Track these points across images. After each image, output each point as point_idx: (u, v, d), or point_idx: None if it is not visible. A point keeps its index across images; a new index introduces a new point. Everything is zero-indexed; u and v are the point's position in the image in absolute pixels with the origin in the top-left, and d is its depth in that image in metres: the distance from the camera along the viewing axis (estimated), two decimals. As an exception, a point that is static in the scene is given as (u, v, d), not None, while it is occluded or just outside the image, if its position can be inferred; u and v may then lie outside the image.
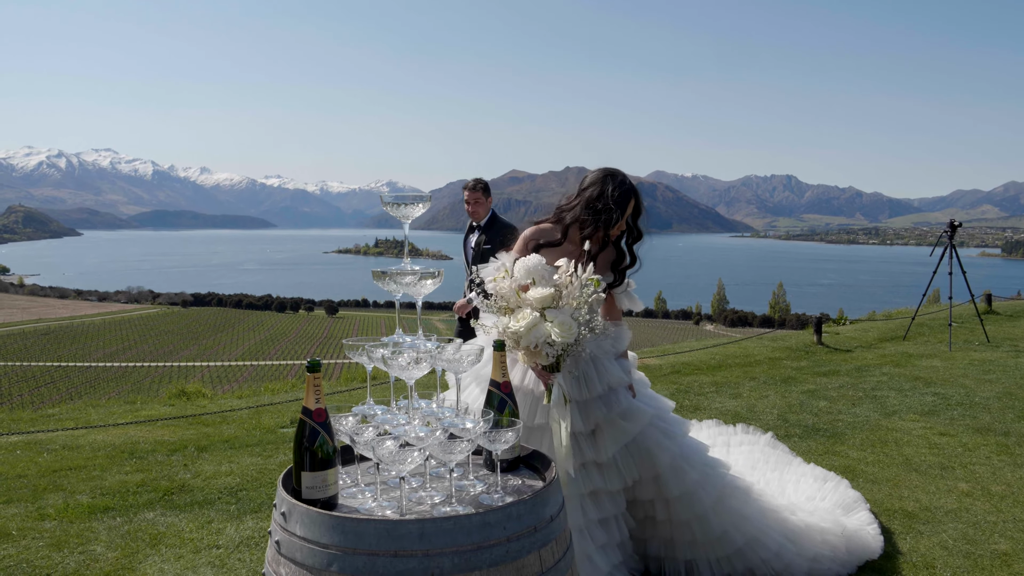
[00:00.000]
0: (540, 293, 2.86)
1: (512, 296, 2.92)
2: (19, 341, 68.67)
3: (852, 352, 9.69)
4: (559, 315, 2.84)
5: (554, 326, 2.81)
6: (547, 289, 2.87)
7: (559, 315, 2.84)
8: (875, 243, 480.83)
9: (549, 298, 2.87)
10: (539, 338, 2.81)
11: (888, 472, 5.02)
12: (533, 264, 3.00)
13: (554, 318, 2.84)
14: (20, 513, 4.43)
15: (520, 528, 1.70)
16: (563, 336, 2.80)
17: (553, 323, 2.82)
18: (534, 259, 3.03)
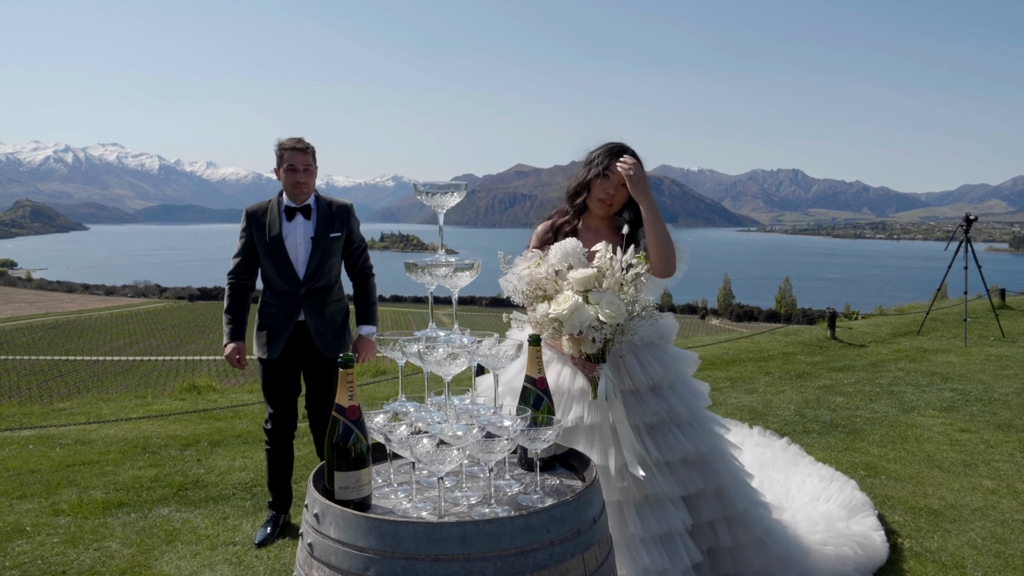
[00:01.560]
0: (582, 273, 2.71)
1: (550, 283, 2.77)
2: (27, 335, 68.91)
3: (866, 347, 9.59)
4: (604, 296, 2.68)
5: (601, 307, 2.64)
6: (589, 269, 2.72)
7: (604, 296, 2.68)
8: (882, 238, 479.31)
9: (592, 279, 2.71)
10: (584, 322, 2.65)
11: (910, 469, 4.94)
12: (571, 247, 2.84)
13: (599, 299, 2.68)
14: (34, 509, 4.39)
15: (563, 531, 1.63)
16: (611, 317, 2.63)
17: (599, 304, 2.66)
18: (571, 242, 2.87)
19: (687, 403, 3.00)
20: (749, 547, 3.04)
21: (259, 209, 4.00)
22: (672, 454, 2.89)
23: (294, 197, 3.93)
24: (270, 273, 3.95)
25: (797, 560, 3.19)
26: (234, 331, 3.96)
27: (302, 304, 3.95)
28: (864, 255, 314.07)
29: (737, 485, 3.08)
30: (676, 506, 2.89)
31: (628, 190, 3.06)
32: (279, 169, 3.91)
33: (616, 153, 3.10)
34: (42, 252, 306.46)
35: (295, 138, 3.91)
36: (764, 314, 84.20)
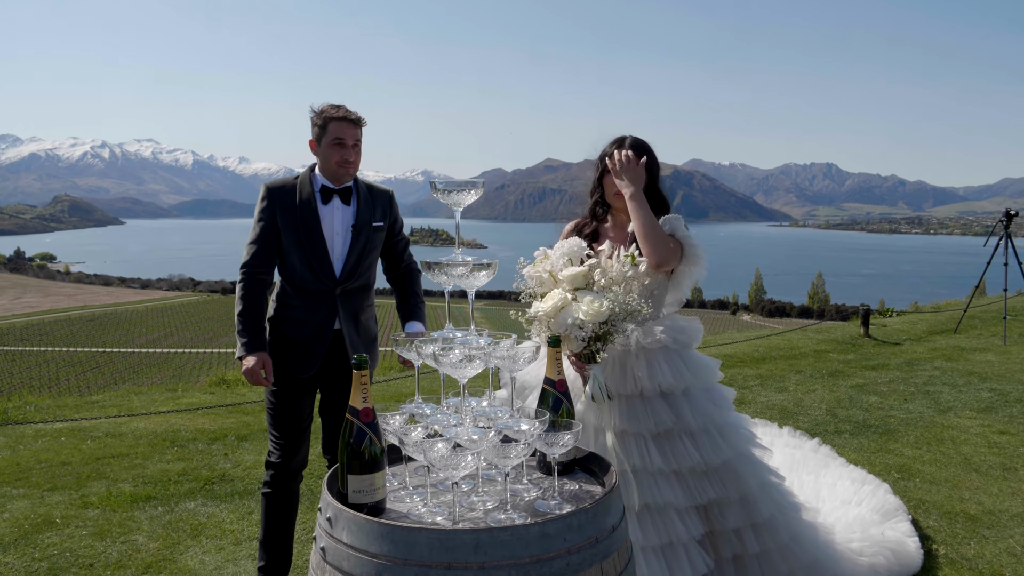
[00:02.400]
0: (571, 271, 2.68)
1: (548, 280, 2.76)
2: (66, 327, 70.46)
3: (901, 345, 9.39)
4: (589, 294, 2.64)
5: (580, 304, 2.61)
6: (578, 267, 2.69)
7: (589, 294, 2.64)
8: (918, 232, 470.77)
9: (580, 277, 2.68)
10: (566, 320, 2.62)
11: (946, 472, 4.81)
12: (571, 246, 2.82)
13: (583, 297, 2.64)
14: (64, 501, 4.45)
15: (581, 539, 1.58)
16: (590, 316, 2.58)
17: (580, 303, 2.62)
18: (573, 241, 2.85)
19: (703, 412, 2.91)
20: (776, 553, 2.97)
21: (285, 186, 3.21)
22: (680, 464, 2.82)
23: (335, 178, 3.18)
24: (297, 267, 3.17)
25: (826, 566, 3.11)
26: (254, 339, 3.12)
27: (338, 307, 3.21)
28: (899, 250, 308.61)
29: (764, 491, 2.99)
30: (683, 516, 2.82)
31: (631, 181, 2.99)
32: (317, 142, 3.18)
33: (619, 144, 3.07)
34: (80, 246, 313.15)
35: (341, 106, 3.17)
36: (796, 310, 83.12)
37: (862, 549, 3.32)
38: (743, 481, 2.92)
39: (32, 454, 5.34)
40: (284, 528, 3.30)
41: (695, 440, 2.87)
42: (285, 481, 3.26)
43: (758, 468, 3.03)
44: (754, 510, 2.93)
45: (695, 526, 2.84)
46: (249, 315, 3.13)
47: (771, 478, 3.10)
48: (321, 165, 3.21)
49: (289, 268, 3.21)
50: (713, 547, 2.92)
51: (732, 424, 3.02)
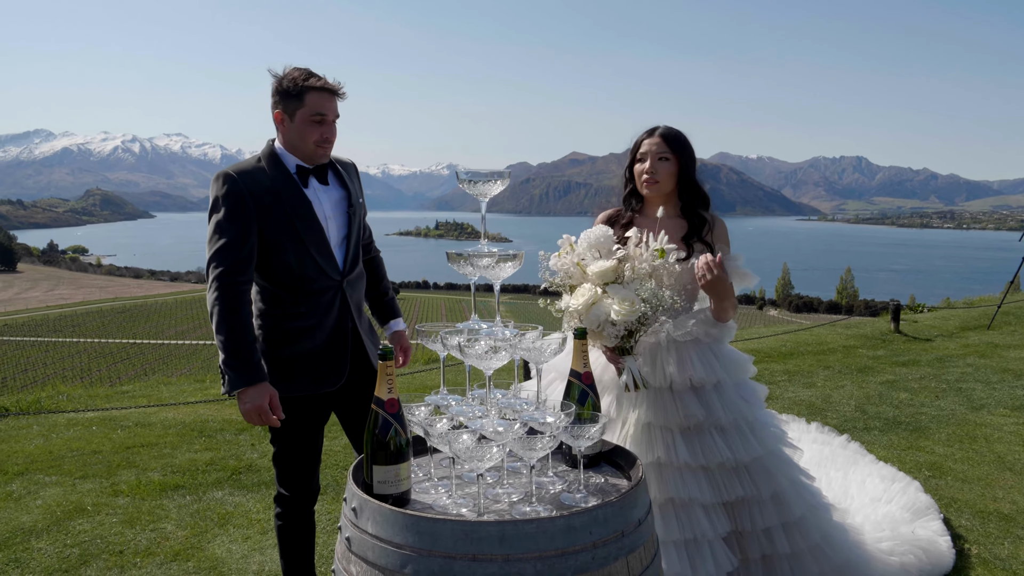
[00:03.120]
0: (600, 267, 2.62)
1: (576, 272, 2.70)
2: (97, 319, 71.72)
3: (933, 341, 9.22)
4: (620, 291, 2.58)
5: (613, 303, 2.55)
6: (607, 262, 2.63)
7: (620, 291, 2.58)
8: (950, 227, 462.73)
9: (610, 272, 2.62)
10: (600, 317, 2.57)
11: (979, 471, 4.72)
12: (597, 236, 2.74)
13: (615, 294, 2.58)
14: (95, 489, 4.52)
15: (607, 533, 1.57)
16: (623, 314, 2.53)
17: (613, 299, 2.57)
18: (599, 230, 2.78)
19: (734, 407, 2.87)
20: (807, 554, 2.92)
21: (252, 171, 2.63)
22: (709, 459, 2.78)
23: (312, 157, 2.67)
24: (293, 265, 2.64)
25: (858, 567, 3.05)
26: (252, 367, 2.52)
27: (348, 301, 2.77)
28: (931, 245, 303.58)
29: (795, 489, 2.95)
30: (709, 513, 2.78)
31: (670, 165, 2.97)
32: (287, 115, 2.62)
33: (650, 134, 3.03)
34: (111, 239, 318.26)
35: (313, 72, 2.62)
36: (824, 305, 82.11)
37: (892, 548, 3.26)
38: (775, 479, 2.87)
39: (64, 443, 5.44)
40: (307, 557, 2.93)
41: (725, 436, 2.83)
42: (303, 510, 2.87)
43: (789, 467, 2.99)
44: (786, 509, 2.88)
45: (721, 523, 2.80)
46: (240, 339, 2.51)
47: (802, 478, 3.05)
48: (290, 142, 2.65)
49: (282, 268, 2.65)
50: (740, 547, 2.88)
51: (763, 421, 2.98)
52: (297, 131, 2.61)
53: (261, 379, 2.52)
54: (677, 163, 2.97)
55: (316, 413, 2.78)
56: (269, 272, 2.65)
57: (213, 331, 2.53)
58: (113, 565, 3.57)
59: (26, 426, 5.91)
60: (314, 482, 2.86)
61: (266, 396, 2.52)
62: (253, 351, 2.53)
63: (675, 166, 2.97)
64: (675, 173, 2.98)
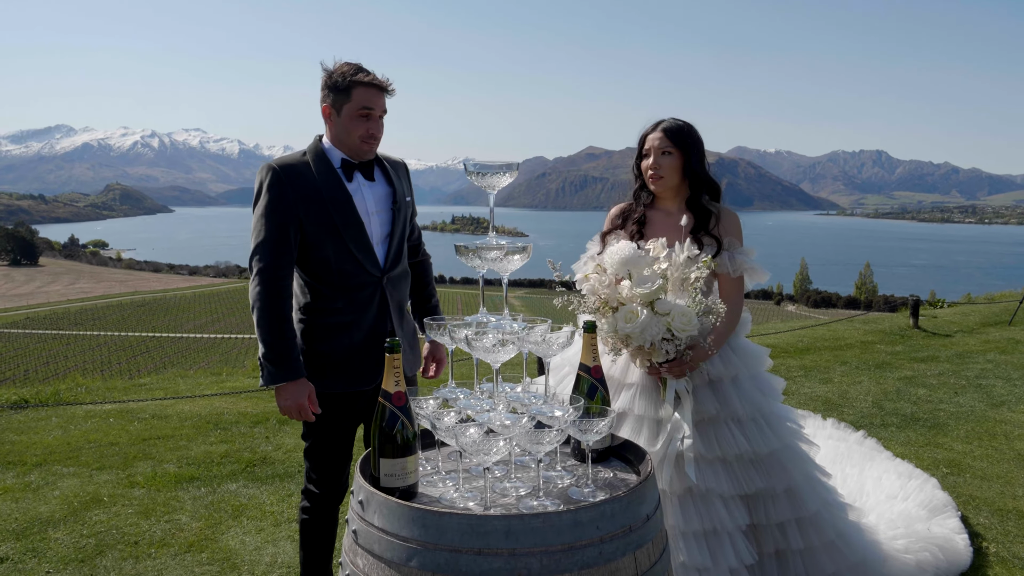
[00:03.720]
0: (646, 289, 2.55)
1: (613, 292, 2.63)
2: (117, 312, 72.51)
3: (952, 337, 9.11)
4: (674, 306, 2.53)
5: (672, 319, 2.50)
6: (654, 282, 2.57)
7: (674, 306, 2.53)
8: (972, 222, 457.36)
9: (658, 290, 2.57)
10: (656, 336, 2.52)
11: (998, 468, 4.65)
12: (627, 254, 2.67)
13: (668, 310, 2.52)
14: (111, 480, 4.56)
15: (614, 528, 1.56)
16: (684, 330, 2.50)
17: (669, 315, 2.51)
18: (625, 248, 2.71)
19: (752, 400, 2.85)
20: (821, 550, 2.89)
21: (296, 165, 2.65)
22: (726, 451, 2.76)
23: (357, 152, 2.68)
24: (332, 259, 2.64)
25: (872, 566, 3.02)
26: (291, 362, 2.56)
27: (387, 298, 2.74)
28: (952, 240, 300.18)
29: (810, 485, 2.92)
30: (728, 504, 2.76)
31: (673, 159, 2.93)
32: (335, 109, 2.64)
33: (655, 127, 3.00)
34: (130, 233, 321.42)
35: (363, 67, 2.63)
36: (843, 300, 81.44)
37: (907, 547, 3.22)
38: (789, 473, 2.85)
39: (82, 434, 5.49)
40: (326, 554, 2.87)
41: (742, 428, 2.82)
42: (328, 508, 2.81)
43: (805, 462, 2.97)
44: (800, 504, 2.86)
45: (740, 515, 2.78)
46: (280, 333, 2.55)
47: (817, 474, 3.03)
48: (337, 137, 2.68)
49: (320, 262, 2.65)
50: (756, 541, 2.86)
51: (780, 415, 2.96)
52: (344, 125, 2.62)
53: (299, 374, 2.55)
54: (681, 157, 2.93)
55: (350, 411, 2.75)
56: (308, 266, 2.66)
57: (254, 324, 2.57)
58: (128, 556, 3.60)
59: (45, 418, 5.98)
60: (343, 480, 2.82)
61: (304, 391, 2.55)
62: (292, 346, 2.55)
63: (679, 160, 2.93)
64: (679, 167, 2.94)
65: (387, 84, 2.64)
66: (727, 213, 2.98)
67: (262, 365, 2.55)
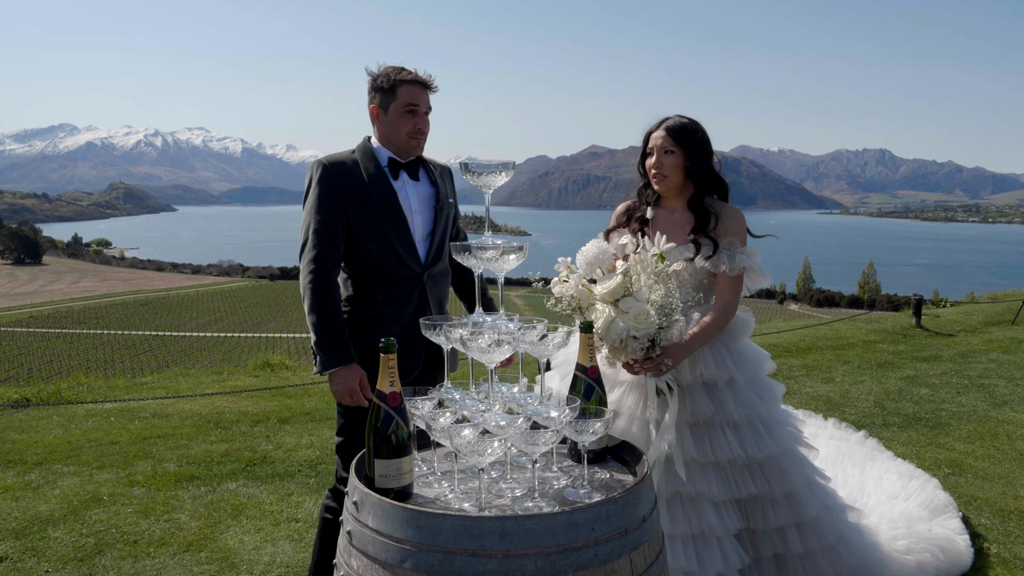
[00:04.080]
0: (607, 287, 2.56)
1: (584, 294, 2.62)
2: (120, 311, 72.64)
3: (955, 336, 9.09)
4: (633, 304, 2.52)
5: (629, 318, 2.49)
6: (613, 279, 2.57)
7: (633, 304, 2.52)
8: (975, 221, 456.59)
9: (619, 289, 2.55)
10: (620, 335, 2.51)
11: (1000, 468, 4.64)
12: (594, 254, 2.70)
13: (628, 308, 2.52)
14: (111, 479, 4.56)
15: (610, 529, 1.55)
16: (642, 328, 2.49)
17: (628, 314, 2.50)
18: (595, 247, 2.73)
19: (749, 404, 2.81)
20: (821, 554, 2.87)
21: (345, 162, 2.78)
22: (719, 455, 2.74)
23: (403, 151, 2.79)
24: (375, 253, 2.74)
25: (872, 568, 3.00)
26: (342, 349, 2.64)
27: (427, 294, 2.82)
28: (955, 239, 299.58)
29: (810, 489, 2.90)
30: (719, 509, 2.74)
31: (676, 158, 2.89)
32: (382, 109, 2.76)
33: (657, 125, 2.96)
34: (134, 232, 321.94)
35: (406, 68, 2.76)
36: (846, 300, 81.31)
37: (908, 547, 3.20)
38: (789, 478, 2.83)
39: (83, 433, 5.50)
40: None
41: (738, 432, 2.78)
42: None
43: (804, 466, 2.94)
44: (800, 509, 2.84)
45: (731, 520, 2.76)
46: (330, 321, 2.65)
47: (817, 478, 3.00)
48: (385, 135, 2.79)
49: (363, 256, 2.75)
50: (753, 545, 2.84)
51: (778, 420, 2.92)
52: (391, 123, 2.74)
53: (350, 360, 2.64)
54: (683, 156, 2.88)
55: None
56: (352, 260, 2.76)
57: (306, 313, 2.68)
58: (127, 555, 3.60)
59: (46, 416, 5.98)
60: None
61: (356, 376, 2.64)
62: (342, 332, 2.65)
63: (681, 159, 2.88)
64: (682, 166, 2.89)
65: (430, 81, 2.77)
66: (730, 213, 2.92)
67: (315, 353, 2.65)
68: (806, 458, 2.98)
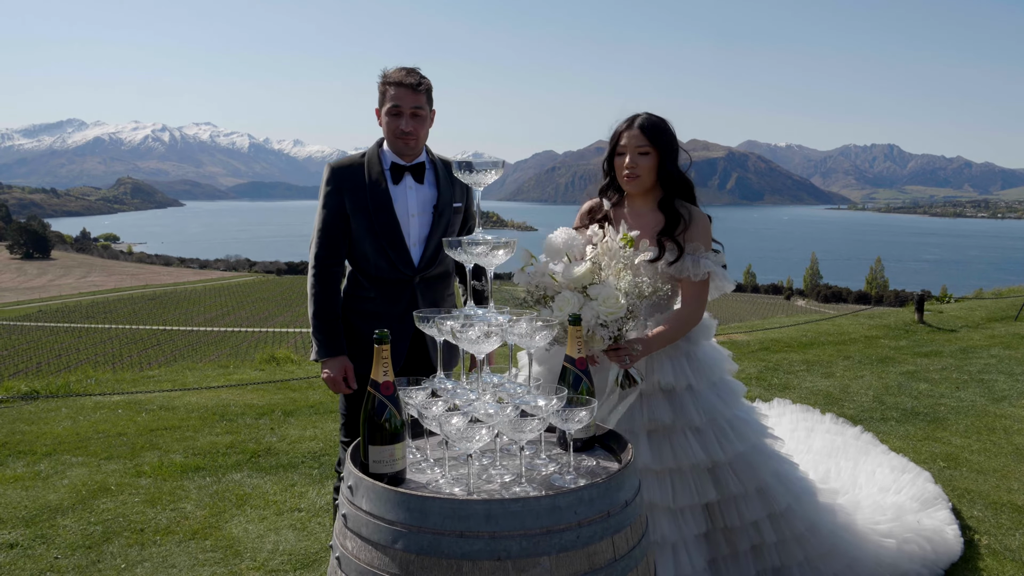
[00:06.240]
0: (575, 272, 2.50)
1: (549, 282, 2.54)
2: (128, 306, 73.04)
3: (957, 332, 9.12)
4: (601, 290, 2.46)
5: (599, 304, 2.44)
6: (583, 265, 2.51)
7: (601, 290, 2.46)
8: (984, 216, 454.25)
9: (587, 275, 2.49)
10: (589, 323, 2.46)
11: (996, 462, 4.68)
12: (563, 240, 2.64)
13: (597, 294, 2.46)
14: (119, 469, 4.65)
15: (592, 513, 1.61)
16: (611, 312, 2.43)
17: (596, 300, 2.45)
18: (561, 235, 2.68)
19: (710, 408, 2.80)
20: (793, 542, 2.94)
21: (352, 165, 2.93)
22: (680, 460, 2.73)
23: (399, 152, 2.90)
24: (370, 255, 2.92)
25: (844, 552, 3.06)
26: (332, 341, 2.90)
27: (418, 297, 2.96)
28: (964, 235, 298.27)
29: (779, 481, 2.93)
30: (676, 516, 2.74)
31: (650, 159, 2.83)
32: (379, 110, 2.89)
33: (630, 123, 2.88)
34: (141, 227, 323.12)
35: (404, 68, 2.83)
36: (853, 296, 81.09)
37: (891, 531, 3.25)
38: (758, 474, 2.86)
39: (91, 425, 5.59)
40: None
41: (701, 436, 2.78)
42: None
43: (772, 459, 2.97)
44: (772, 500, 2.88)
45: (690, 526, 2.77)
46: (325, 314, 2.90)
47: (784, 466, 3.03)
48: (385, 138, 2.93)
49: (361, 256, 2.94)
50: (729, 541, 2.88)
51: (741, 418, 2.93)
52: (384, 125, 2.89)
53: (340, 352, 2.91)
54: (657, 156, 2.83)
55: None
56: (354, 258, 2.99)
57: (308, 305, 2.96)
58: (134, 543, 3.69)
59: (55, 408, 6.08)
60: None
61: (340, 367, 2.90)
62: (335, 327, 2.91)
63: (655, 159, 2.83)
64: (655, 167, 2.84)
65: (413, 80, 2.82)
66: (699, 217, 2.87)
67: (312, 342, 2.93)
68: (773, 450, 3.01)
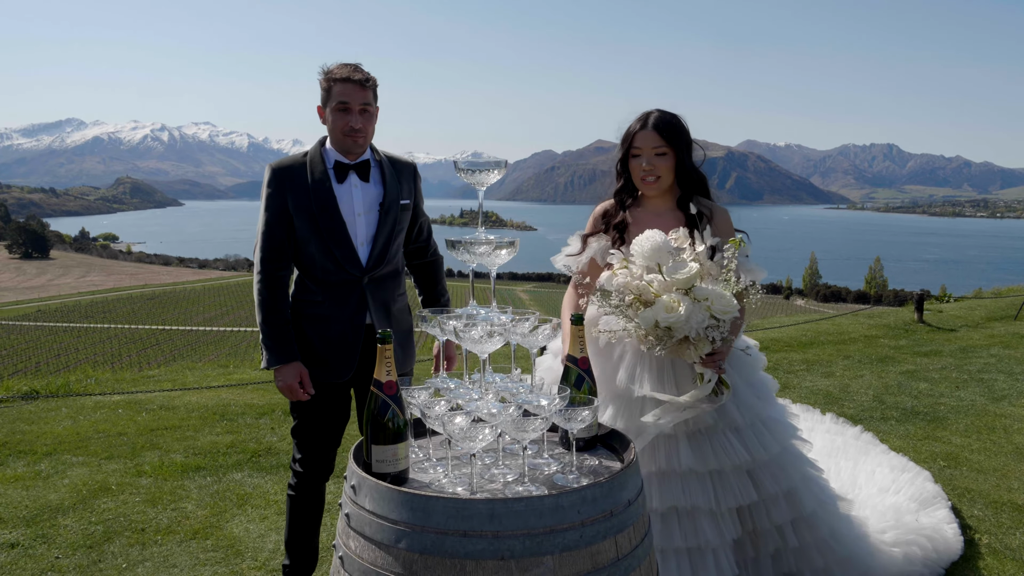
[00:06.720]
0: (684, 275, 2.41)
1: (646, 287, 2.47)
2: (127, 305, 73.00)
3: (956, 331, 9.12)
4: (710, 291, 2.39)
5: (711, 303, 2.36)
6: (690, 266, 2.44)
7: (710, 291, 2.39)
8: (984, 216, 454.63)
9: (695, 276, 2.43)
10: (700, 323, 2.38)
11: (996, 461, 4.69)
12: (656, 243, 2.51)
13: (705, 295, 2.38)
14: (120, 469, 4.65)
15: (595, 512, 1.62)
16: (726, 311, 2.38)
17: (708, 300, 2.37)
18: (655, 237, 2.54)
19: (750, 406, 2.77)
20: (813, 547, 2.90)
21: (294, 165, 2.82)
22: (722, 462, 2.68)
23: (345, 150, 2.80)
24: (317, 257, 2.81)
25: (860, 560, 3.04)
26: (283, 347, 2.79)
27: (367, 298, 2.86)
28: (964, 234, 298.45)
29: (806, 484, 2.89)
30: (717, 520, 2.69)
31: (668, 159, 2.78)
32: (324, 107, 2.79)
33: (643, 121, 2.82)
34: (141, 227, 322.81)
35: (349, 64, 2.75)
36: (852, 295, 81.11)
37: (896, 539, 3.23)
38: (789, 476, 2.82)
39: (91, 424, 5.59)
40: (309, 529, 3.08)
41: (741, 436, 2.73)
42: (313, 485, 3.03)
43: (801, 461, 2.94)
44: (798, 504, 2.83)
45: (729, 530, 2.72)
46: (274, 319, 2.80)
47: (811, 471, 3.01)
48: (329, 136, 2.83)
49: (307, 259, 2.84)
50: (755, 545, 2.85)
51: (775, 418, 2.90)
52: (330, 123, 2.78)
53: (293, 358, 2.81)
54: (675, 156, 2.79)
55: (332, 397, 2.93)
56: (300, 261, 2.87)
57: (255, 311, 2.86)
58: (135, 542, 3.69)
59: (55, 408, 6.08)
60: (328, 460, 3.02)
61: (294, 374, 2.80)
62: (286, 332, 2.81)
63: (673, 159, 2.79)
64: (673, 166, 2.80)
65: (361, 76, 2.73)
66: (720, 212, 2.85)
67: (262, 349, 2.82)
68: (802, 452, 2.99)
